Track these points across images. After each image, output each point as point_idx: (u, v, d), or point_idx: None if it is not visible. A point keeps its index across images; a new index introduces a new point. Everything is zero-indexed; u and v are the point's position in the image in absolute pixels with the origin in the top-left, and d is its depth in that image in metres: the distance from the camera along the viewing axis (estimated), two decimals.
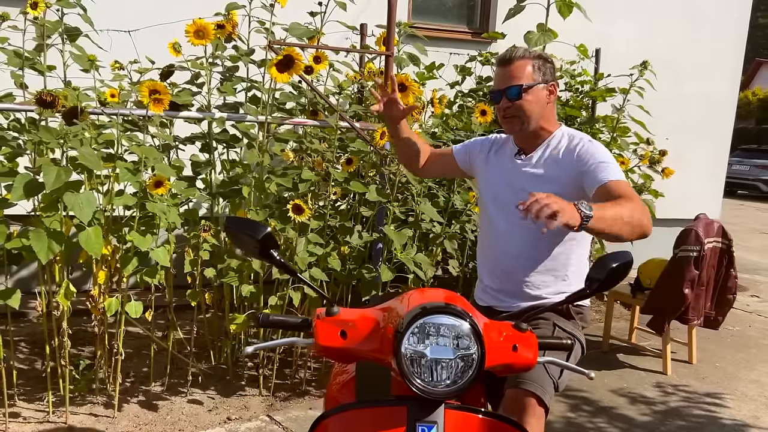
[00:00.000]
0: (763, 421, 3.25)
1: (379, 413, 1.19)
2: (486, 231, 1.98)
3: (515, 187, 1.87)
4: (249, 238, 1.28)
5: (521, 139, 1.93)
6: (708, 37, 6.05)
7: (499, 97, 1.86)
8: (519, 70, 1.83)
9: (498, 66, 1.89)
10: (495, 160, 2.00)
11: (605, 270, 1.27)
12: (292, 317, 1.34)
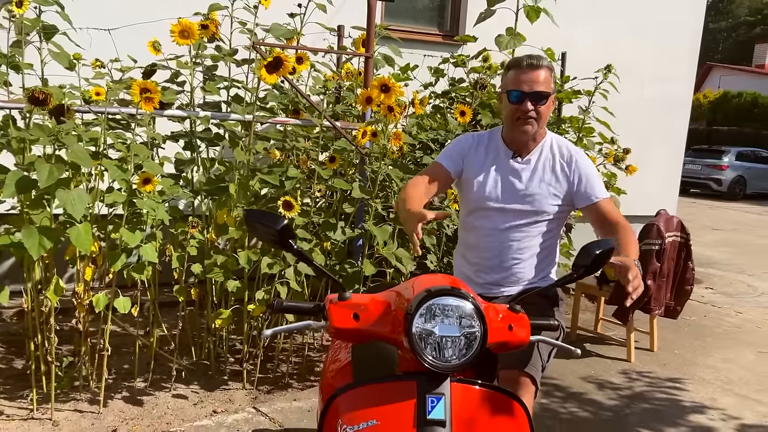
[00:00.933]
0: (719, 403, 3.49)
1: (391, 387, 1.29)
2: (479, 227, 2.08)
3: (516, 188, 2.01)
4: (268, 229, 1.38)
5: (520, 143, 2.04)
6: (665, 42, 6.35)
7: (521, 98, 1.95)
8: (545, 77, 1.96)
9: (519, 69, 1.97)
10: (489, 162, 2.09)
11: (590, 257, 1.41)
12: (304, 303, 1.44)
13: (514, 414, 1.32)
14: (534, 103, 1.94)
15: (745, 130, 18.97)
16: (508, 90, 2.00)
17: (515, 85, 1.97)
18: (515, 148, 2.07)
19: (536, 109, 1.95)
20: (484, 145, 2.14)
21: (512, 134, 2.05)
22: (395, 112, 2.94)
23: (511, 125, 2.03)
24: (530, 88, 1.94)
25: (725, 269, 6.91)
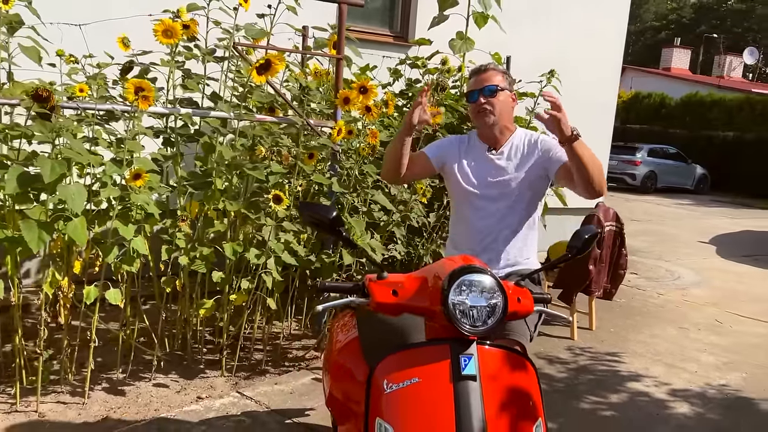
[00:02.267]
0: (651, 372, 3.96)
1: (428, 351, 1.53)
2: (467, 214, 2.34)
3: (494, 175, 2.29)
4: (321, 218, 1.58)
5: (490, 137, 2.32)
6: (594, 48, 6.90)
7: (476, 96, 2.26)
8: (492, 76, 2.27)
9: (474, 75, 2.31)
10: (469, 156, 2.37)
11: (581, 240, 1.71)
12: (345, 283, 1.66)
13: (527, 370, 1.60)
14: (485, 96, 2.24)
15: (655, 129, 20.41)
16: (467, 93, 2.33)
17: (471, 87, 2.31)
18: (489, 142, 2.36)
19: (488, 101, 2.24)
20: (465, 144, 2.43)
21: (479, 129, 2.36)
22: (373, 111, 3.16)
23: (475, 121, 2.34)
24: (480, 85, 2.26)
25: (646, 257, 7.59)
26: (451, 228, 2.49)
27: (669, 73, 26.04)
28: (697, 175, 17.80)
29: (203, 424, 2.92)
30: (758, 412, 3.50)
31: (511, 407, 1.50)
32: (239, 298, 3.26)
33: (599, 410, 3.37)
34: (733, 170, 17.95)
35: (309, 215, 1.64)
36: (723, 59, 29.19)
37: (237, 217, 3.33)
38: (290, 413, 3.07)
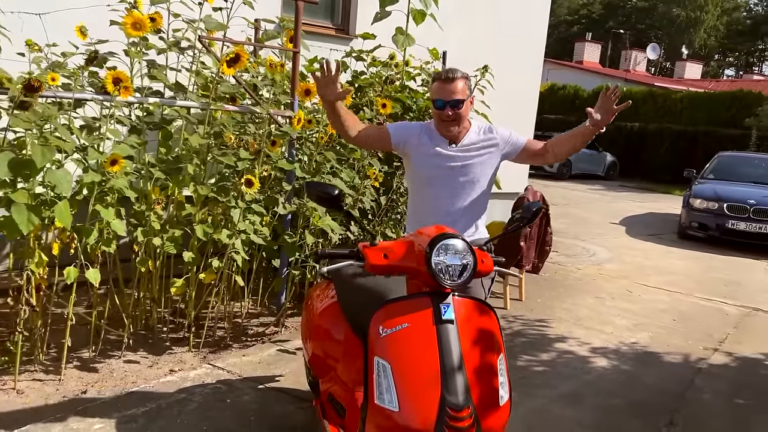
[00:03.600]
0: (575, 334, 4.50)
1: (414, 302, 1.87)
2: (426, 196, 2.66)
3: (454, 165, 2.60)
4: (326, 195, 1.89)
5: (451, 136, 2.63)
6: (518, 43, 7.44)
7: (443, 105, 2.52)
8: (459, 87, 2.52)
9: (441, 81, 2.54)
10: (429, 145, 2.64)
11: (530, 212, 2.11)
12: (343, 249, 1.97)
13: (490, 315, 1.97)
14: (452, 109, 2.52)
15: (570, 119, 21.64)
16: (433, 99, 2.58)
17: (438, 95, 2.55)
18: (449, 138, 2.65)
19: (455, 113, 2.54)
20: (427, 134, 2.69)
21: (441, 131, 2.63)
22: None
23: (438, 124, 2.61)
24: (449, 97, 2.51)
25: (565, 236, 8.28)
26: (411, 207, 2.80)
27: (581, 66, 27.57)
28: (607, 162, 19.11)
29: (182, 392, 3.14)
30: (662, 363, 4.10)
31: (481, 344, 1.88)
32: (208, 276, 3.47)
33: (533, 366, 3.85)
34: (639, 158, 19.43)
35: (316, 192, 1.95)
36: (629, 54, 31.21)
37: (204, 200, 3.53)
38: (262, 380, 3.34)
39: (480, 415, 1.77)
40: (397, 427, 1.76)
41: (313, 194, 1.99)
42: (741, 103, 18.69)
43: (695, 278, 6.66)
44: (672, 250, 8.22)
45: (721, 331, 4.88)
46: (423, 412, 1.73)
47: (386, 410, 1.77)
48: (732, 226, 8.53)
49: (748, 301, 5.85)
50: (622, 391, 3.59)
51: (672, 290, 6.04)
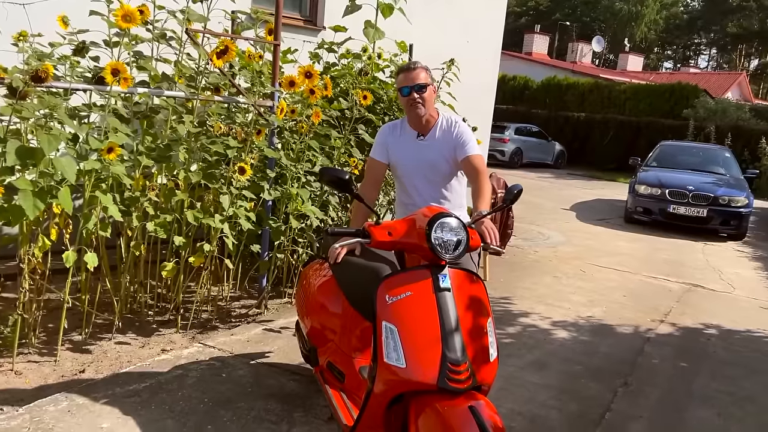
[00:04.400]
0: (536, 310, 4.86)
1: (416, 273, 2.11)
2: (407, 191, 2.91)
3: (424, 158, 2.84)
4: (338, 180, 2.11)
5: (419, 125, 2.86)
6: (478, 36, 7.75)
7: (408, 91, 2.78)
8: (420, 73, 2.79)
9: (405, 72, 2.81)
10: (402, 142, 2.88)
11: (512, 194, 2.38)
12: (350, 228, 2.20)
13: (480, 284, 2.24)
14: (417, 92, 2.78)
15: (520, 109, 22.31)
16: (399, 88, 2.84)
17: (403, 83, 2.81)
18: (418, 130, 2.92)
19: (420, 96, 2.79)
20: (397, 133, 2.94)
21: (411, 118, 2.87)
22: (316, 93, 3.65)
23: (407, 111, 2.86)
24: (412, 83, 2.78)
25: (521, 222, 8.68)
26: (397, 196, 3.06)
27: (531, 58, 28.30)
28: (556, 151, 19.82)
29: (178, 368, 3.31)
30: (615, 333, 4.51)
31: (473, 308, 2.15)
32: (197, 260, 3.63)
33: (501, 339, 4.17)
34: (585, 147, 20.23)
35: (328, 177, 2.18)
36: (575, 46, 32.20)
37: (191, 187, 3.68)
38: (253, 356, 3.54)
39: (475, 369, 2.04)
40: (405, 382, 2.01)
41: (325, 178, 2.22)
42: (679, 95, 19.71)
43: (641, 258, 7.17)
44: (619, 233, 8.76)
45: (665, 305, 5.34)
46: (427, 367, 1.99)
47: (394, 367, 2.02)
48: (673, 211, 9.15)
49: (688, 279, 6.38)
50: (582, 358, 3.96)
51: (621, 269, 6.52)
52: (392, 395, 2.08)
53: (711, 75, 33.72)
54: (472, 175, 2.81)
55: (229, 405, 2.96)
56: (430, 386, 1.98)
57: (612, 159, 19.12)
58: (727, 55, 51.37)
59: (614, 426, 3.11)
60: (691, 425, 3.20)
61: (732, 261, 7.55)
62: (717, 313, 5.24)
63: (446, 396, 1.97)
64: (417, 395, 2.04)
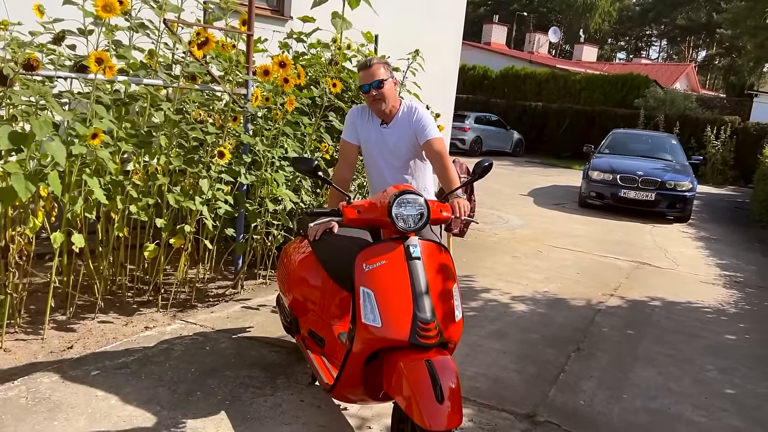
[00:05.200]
0: (497, 286, 5.19)
1: (389, 244, 2.36)
2: (375, 173, 3.14)
3: (388, 145, 3.07)
4: (306, 166, 2.36)
5: (382, 115, 3.07)
6: (440, 28, 8.02)
7: (368, 88, 2.97)
8: (377, 70, 2.97)
9: (362, 70, 3.00)
10: (368, 127, 3.10)
11: (481, 168, 2.65)
12: (326, 209, 2.45)
13: (447, 255, 2.51)
14: (375, 89, 2.97)
15: (479, 98, 22.76)
16: (360, 85, 3.04)
17: (363, 81, 3.00)
18: (381, 118, 3.13)
19: (378, 92, 2.98)
20: (366, 117, 3.15)
21: (374, 111, 3.07)
22: (290, 82, 3.85)
23: (370, 105, 3.07)
24: (370, 80, 2.96)
25: (481, 206, 9.04)
26: (369, 181, 3.29)
27: (489, 48, 28.79)
28: (514, 140, 20.34)
29: (164, 343, 3.49)
30: (569, 306, 4.87)
31: (441, 275, 2.41)
32: (178, 241, 3.80)
33: (465, 312, 4.45)
34: (542, 136, 20.82)
35: (299, 166, 2.44)
36: (532, 37, 32.85)
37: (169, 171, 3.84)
38: (233, 331, 3.74)
39: (442, 328, 2.30)
40: (380, 339, 2.27)
41: (298, 167, 2.48)
42: (631, 85, 20.47)
43: (594, 239, 7.61)
44: (574, 217, 9.21)
45: (615, 280, 5.75)
46: (400, 326, 2.25)
47: (371, 327, 2.27)
48: (624, 195, 9.66)
49: (636, 257, 6.83)
50: (539, 328, 4.30)
51: (575, 249, 6.93)
52: (369, 352, 2.33)
53: (661, 66, 34.94)
54: (435, 158, 3.02)
55: (215, 374, 3.17)
56: (402, 342, 2.24)
57: (568, 147, 19.74)
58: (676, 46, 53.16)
59: (568, 384, 3.45)
60: (635, 383, 3.56)
61: (677, 241, 8.07)
62: (661, 287, 5.67)
63: (415, 351, 2.23)
64: (390, 351, 2.29)
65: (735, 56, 36.59)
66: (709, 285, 5.92)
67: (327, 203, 3.11)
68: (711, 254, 7.41)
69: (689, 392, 3.49)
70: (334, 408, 2.94)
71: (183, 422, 2.70)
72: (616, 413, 3.17)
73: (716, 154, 16.54)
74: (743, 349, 4.26)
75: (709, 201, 12.77)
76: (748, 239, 8.72)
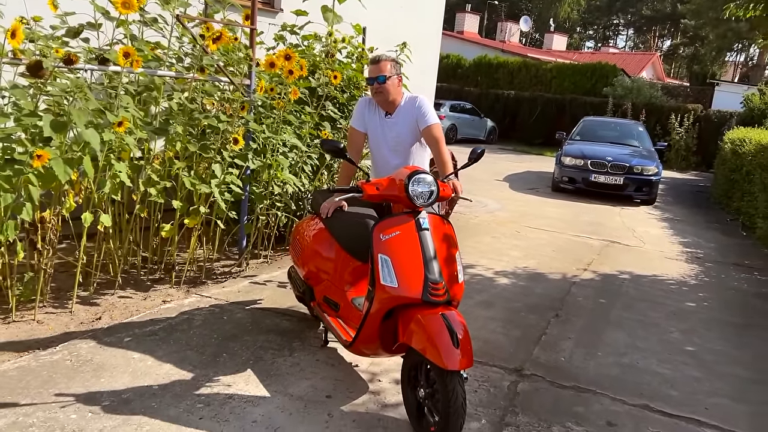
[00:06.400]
0: (480, 263, 5.62)
1: (402, 217, 2.72)
2: (379, 157, 3.49)
3: (391, 133, 3.42)
4: (336, 147, 2.71)
5: (385, 107, 3.44)
6: (422, 20, 8.36)
7: (373, 81, 3.34)
8: (383, 66, 3.34)
9: (371, 64, 3.36)
10: (374, 117, 3.45)
11: (476, 153, 3.04)
12: (346, 186, 2.80)
13: (450, 226, 2.89)
14: (378, 84, 3.33)
15: (453, 86, 23.17)
16: (367, 78, 3.40)
17: (370, 74, 3.37)
18: (385, 109, 3.51)
19: (382, 86, 3.34)
20: (372, 107, 3.50)
21: (377, 101, 3.42)
22: (294, 74, 4.17)
23: (374, 97, 3.41)
24: (375, 74, 3.32)
25: None
26: (373, 165, 3.64)
27: (463, 37, 29.20)
28: (488, 127, 20.82)
29: (184, 314, 3.81)
30: (547, 279, 5.32)
31: (446, 243, 2.80)
32: (192, 221, 4.11)
33: None
34: (515, 123, 21.37)
35: (327, 146, 2.78)
36: (504, 26, 33.37)
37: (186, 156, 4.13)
38: (246, 303, 4.08)
39: (448, 287, 2.69)
40: (397, 298, 2.64)
41: (326, 147, 2.82)
42: (600, 74, 21.12)
43: (567, 221, 8.10)
44: (548, 200, 9.71)
45: (588, 257, 6.23)
46: (413, 285, 2.62)
47: (388, 287, 2.65)
48: (594, 179, 10.19)
49: (607, 236, 7.33)
50: (521, 298, 4.73)
51: (550, 230, 7.40)
52: (386, 310, 2.70)
53: (628, 55, 35.86)
54: (432, 143, 3.40)
55: (236, 339, 3.51)
56: (416, 300, 2.61)
57: (540, 134, 20.32)
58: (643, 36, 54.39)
59: (549, 344, 3.88)
60: (607, 342, 4.01)
61: (644, 221, 8.62)
62: (630, 262, 6.17)
63: (427, 307, 2.62)
64: (405, 308, 2.67)
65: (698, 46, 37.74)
66: (672, 260, 6.45)
67: (338, 180, 3.50)
68: (675, 233, 7.96)
69: (654, 350, 3.96)
70: (347, 365, 3.31)
71: (216, 378, 3.04)
72: (591, 367, 3.61)
73: (680, 141, 17.28)
74: (702, 314, 4.76)
75: (673, 185, 13.44)
76: (709, 220, 9.34)
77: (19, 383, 2.84)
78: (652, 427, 2.99)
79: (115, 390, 2.85)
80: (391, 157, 3.47)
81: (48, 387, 2.83)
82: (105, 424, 2.58)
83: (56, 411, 2.64)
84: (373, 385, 3.12)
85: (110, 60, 3.72)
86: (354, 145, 3.50)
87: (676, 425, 3.03)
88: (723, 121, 17.35)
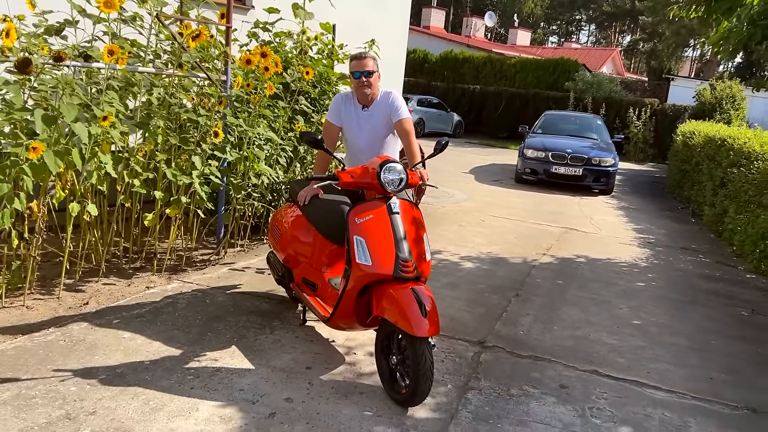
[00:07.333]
0: (447, 248, 5.94)
1: (374, 203, 3.00)
2: (354, 149, 3.74)
3: (366, 125, 3.68)
4: (312, 138, 2.97)
5: (364, 101, 3.70)
6: (388, 17, 8.62)
7: (359, 75, 3.60)
8: (368, 62, 3.62)
9: (357, 60, 3.61)
10: (350, 112, 3.71)
11: (440, 144, 3.33)
12: (323, 175, 3.06)
13: (418, 210, 3.18)
14: (365, 77, 3.62)
15: (420, 81, 23.53)
16: (352, 72, 3.65)
17: (355, 69, 3.62)
18: (363, 103, 3.78)
19: (367, 81, 3.63)
20: (349, 102, 3.77)
21: (359, 95, 3.69)
22: (270, 70, 4.40)
23: (356, 90, 3.67)
24: (363, 69, 3.60)
25: None
26: (348, 156, 3.90)
27: (429, 32, 29.54)
28: (455, 121, 21.24)
29: (168, 298, 4.02)
30: (509, 263, 5.67)
31: (415, 226, 3.08)
32: (173, 211, 4.31)
33: None
34: (480, 117, 21.84)
35: (306, 138, 3.02)
36: (469, 21, 33.85)
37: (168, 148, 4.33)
38: (226, 288, 4.31)
39: (417, 265, 2.98)
40: (371, 275, 2.92)
41: (305, 139, 3.07)
42: (562, 69, 21.72)
43: (529, 210, 8.50)
44: (511, 191, 10.11)
45: (547, 243, 6.62)
46: (386, 263, 2.91)
47: (363, 265, 2.92)
48: (555, 171, 10.64)
49: (566, 224, 7.75)
50: (484, 280, 5.06)
51: (513, 219, 7.78)
52: (361, 286, 2.98)
53: (590, 50, 36.76)
54: (403, 135, 3.69)
55: (219, 320, 3.75)
56: (388, 276, 2.90)
57: (504, 128, 20.83)
58: (604, 31, 55.67)
59: (510, 320, 4.22)
60: (563, 318, 4.37)
61: (601, 210, 9.09)
62: (586, 248, 6.58)
63: (398, 283, 2.90)
64: (378, 285, 2.95)
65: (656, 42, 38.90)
66: (626, 245, 6.89)
67: (314, 169, 3.77)
68: (629, 221, 8.44)
69: (605, 324, 4.33)
70: (324, 341, 3.59)
71: (203, 354, 3.28)
72: (548, 339, 3.96)
73: (638, 134, 17.97)
74: (650, 293, 5.18)
75: (630, 176, 14.03)
76: (662, 208, 9.87)
77: (18, 361, 3.03)
78: (600, 388, 3.34)
79: (109, 365, 3.07)
80: (365, 148, 3.74)
81: (46, 364, 3.03)
82: (103, 394, 2.80)
83: (56, 384, 2.85)
84: (349, 357, 3.41)
85: (92, 57, 3.90)
86: (329, 137, 3.76)
87: (621, 387, 3.39)
88: (678, 114, 18.09)
